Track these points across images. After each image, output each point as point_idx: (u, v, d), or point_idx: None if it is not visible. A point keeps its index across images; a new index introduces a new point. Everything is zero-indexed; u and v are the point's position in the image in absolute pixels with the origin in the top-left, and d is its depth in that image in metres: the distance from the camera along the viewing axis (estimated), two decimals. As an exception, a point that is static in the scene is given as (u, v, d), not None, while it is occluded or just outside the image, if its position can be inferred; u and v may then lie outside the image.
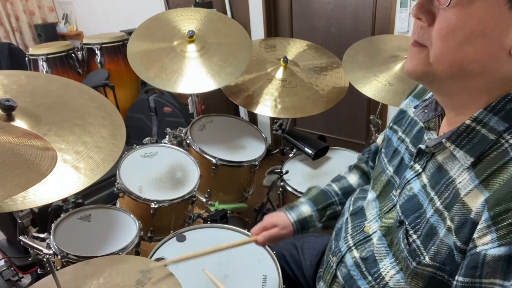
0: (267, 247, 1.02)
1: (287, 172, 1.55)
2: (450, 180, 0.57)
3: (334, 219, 0.94)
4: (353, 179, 0.98)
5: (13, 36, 3.92)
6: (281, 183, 1.54)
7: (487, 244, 0.48)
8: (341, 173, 1.02)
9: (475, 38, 0.51)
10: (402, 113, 0.81)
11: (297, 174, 1.56)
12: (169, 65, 1.54)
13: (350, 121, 2.64)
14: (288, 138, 1.68)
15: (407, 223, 0.62)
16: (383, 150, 0.83)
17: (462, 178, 0.55)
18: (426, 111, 0.68)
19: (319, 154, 1.59)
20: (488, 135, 0.54)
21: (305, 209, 0.93)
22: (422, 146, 0.65)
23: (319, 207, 0.93)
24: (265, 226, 0.92)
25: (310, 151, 1.57)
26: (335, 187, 0.98)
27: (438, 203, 0.58)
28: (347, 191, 0.96)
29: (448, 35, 0.52)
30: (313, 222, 0.93)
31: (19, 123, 0.94)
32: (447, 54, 0.53)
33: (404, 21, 2.08)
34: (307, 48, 1.89)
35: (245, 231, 1.10)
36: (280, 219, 0.92)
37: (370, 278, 0.68)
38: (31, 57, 2.65)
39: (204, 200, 1.65)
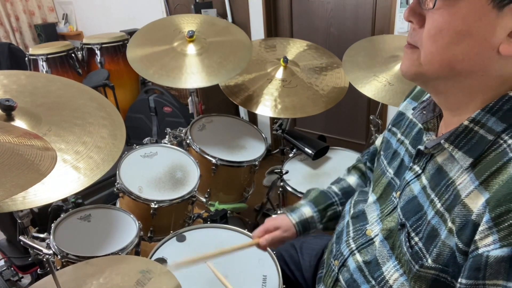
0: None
1: (287, 172, 1.55)
2: (450, 182, 0.57)
3: (335, 219, 0.94)
4: (352, 179, 0.98)
5: (13, 36, 3.92)
6: (281, 183, 1.54)
7: (489, 246, 0.48)
8: (340, 176, 1.03)
9: (462, 38, 0.52)
10: (400, 115, 0.81)
11: (297, 174, 1.56)
12: (169, 63, 1.55)
13: (350, 121, 2.64)
14: (288, 138, 1.68)
15: (408, 225, 0.62)
16: (382, 152, 0.83)
17: (462, 180, 0.55)
18: (424, 112, 0.68)
19: (319, 154, 1.59)
20: (487, 135, 0.54)
21: (306, 210, 0.93)
22: (421, 147, 0.65)
23: (320, 208, 0.93)
24: (267, 228, 0.92)
25: (310, 151, 1.57)
26: (335, 188, 0.98)
27: (438, 205, 0.58)
28: (347, 191, 0.96)
29: (436, 35, 0.53)
30: (314, 224, 0.93)
31: (19, 123, 0.94)
32: (435, 55, 0.54)
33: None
34: (307, 48, 1.89)
35: (245, 231, 1.10)
36: (282, 222, 0.92)
37: (373, 282, 0.67)
38: (31, 57, 2.65)
39: (204, 200, 1.65)
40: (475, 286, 0.50)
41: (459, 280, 0.52)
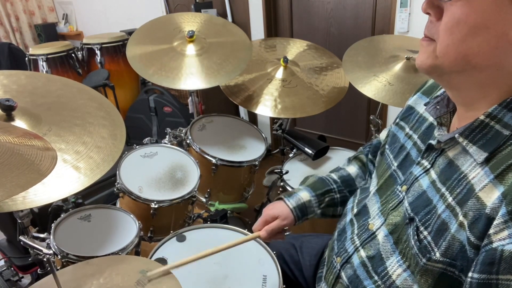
0: (267, 247, 1.02)
1: (287, 172, 1.55)
2: (462, 176, 0.57)
3: (333, 206, 0.94)
4: (352, 169, 0.98)
5: (13, 36, 3.92)
6: (281, 183, 1.54)
7: (504, 240, 0.48)
8: (340, 165, 1.03)
9: (479, 31, 0.52)
10: (409, 110, 0.81)
11: (297, 174, 1.56)
12: (168, 63, 1.55)
13: (350, 121, 2.64)
14: (288, 138, 1.68)
15: (417, 219, 0.62)
16: (387, 146, 0.82)
17: (476, 174, 0.55)
18: (438, 107, 0.69)
19: (319, 154, 1.59)
20: (502, 130, 0.54)
21: (303, 194, 0.93)
22: (433, 142, 0.65)
23: (318, 193, 0.93)
24: (266, 220, 0.92)
25: (310, 151, 1.57)
26: (334, 176, 0.98)
27: (450, 199, 0.58)
28: (346, 180, 0.96)
29: (453, 28, 0.53)
30: (312, 208, 0.93)
31: (19, 123, 0.94)
32: (452, 47, 0.54)
33: (404, 21, 2.08)
34: (307, 48, 1.89)
35: (245, 231, 1.10)
36: (280, 210, 0.92)
37: (376, 278, 0.67)
38: (31, 57, 2.65)
39: (204, 200, 1.65)
40: (488, 281, 0.49)
41: (470, 274, 0.52)
